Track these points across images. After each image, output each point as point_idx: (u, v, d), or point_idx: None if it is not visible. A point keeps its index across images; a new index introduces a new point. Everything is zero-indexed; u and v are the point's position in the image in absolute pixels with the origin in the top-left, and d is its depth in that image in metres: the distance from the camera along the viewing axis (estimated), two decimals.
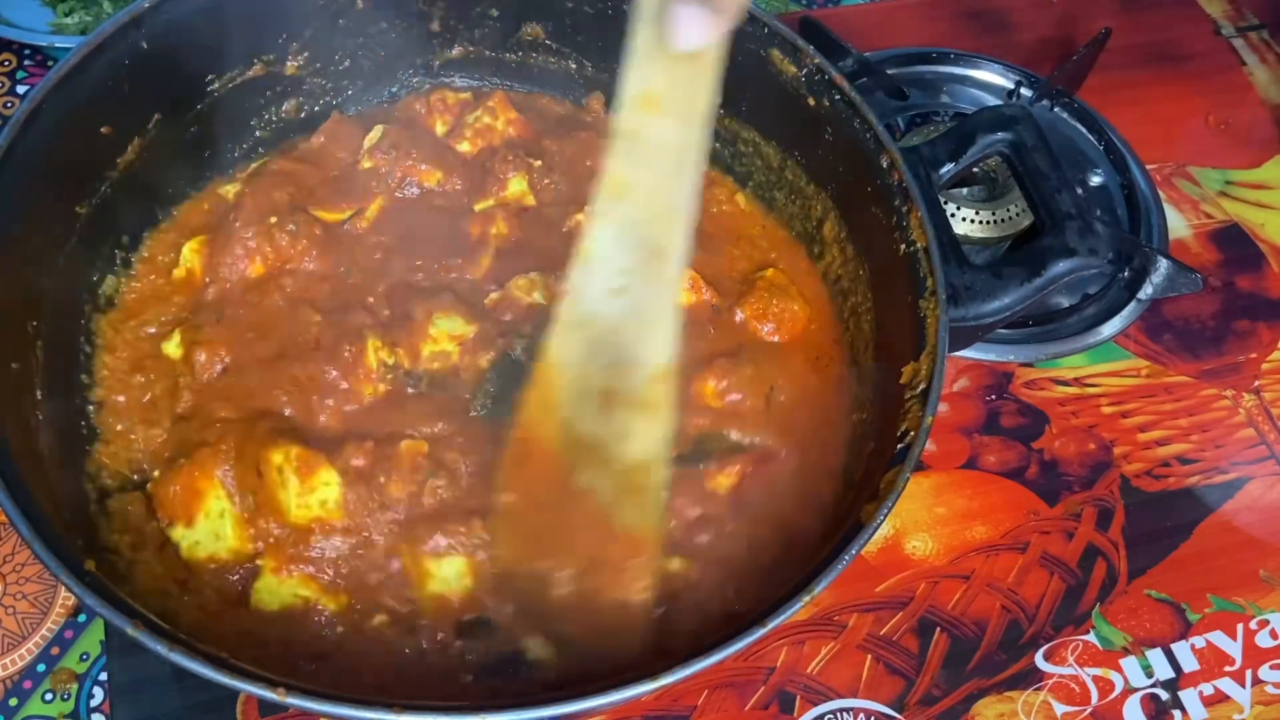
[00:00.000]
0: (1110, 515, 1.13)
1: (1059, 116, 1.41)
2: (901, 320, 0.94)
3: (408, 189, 1.08)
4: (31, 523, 0.74)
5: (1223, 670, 1.05)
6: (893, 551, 1.09)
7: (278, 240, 1.00)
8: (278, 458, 0.87)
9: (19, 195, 0.87)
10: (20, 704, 0.98)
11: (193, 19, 0.99)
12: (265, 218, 1.01)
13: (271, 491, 0.87)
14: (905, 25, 1.51)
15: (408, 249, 1.04)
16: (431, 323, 0.98)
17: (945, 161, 1.07)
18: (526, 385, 0.82)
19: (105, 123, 0.96)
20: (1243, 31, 1.58)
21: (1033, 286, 1.00)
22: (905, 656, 1.03)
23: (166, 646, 0.70)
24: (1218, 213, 1.38)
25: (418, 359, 0.97)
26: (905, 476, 0.82)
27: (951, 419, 1.18)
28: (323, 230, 1.03)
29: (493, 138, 1.11)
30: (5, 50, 1.41)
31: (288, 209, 1.03)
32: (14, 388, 0.85)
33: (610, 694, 0.73)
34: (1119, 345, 1.25)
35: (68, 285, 0.96)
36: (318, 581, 0.86)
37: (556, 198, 1.09)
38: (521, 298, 1.00)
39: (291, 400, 0.92)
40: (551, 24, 1.15)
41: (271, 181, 1.05)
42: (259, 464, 0.87)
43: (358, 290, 1.01)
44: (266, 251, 1.00)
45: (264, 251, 1.00)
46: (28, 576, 1.04)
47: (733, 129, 1.14)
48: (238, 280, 1.00)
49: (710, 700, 1.00)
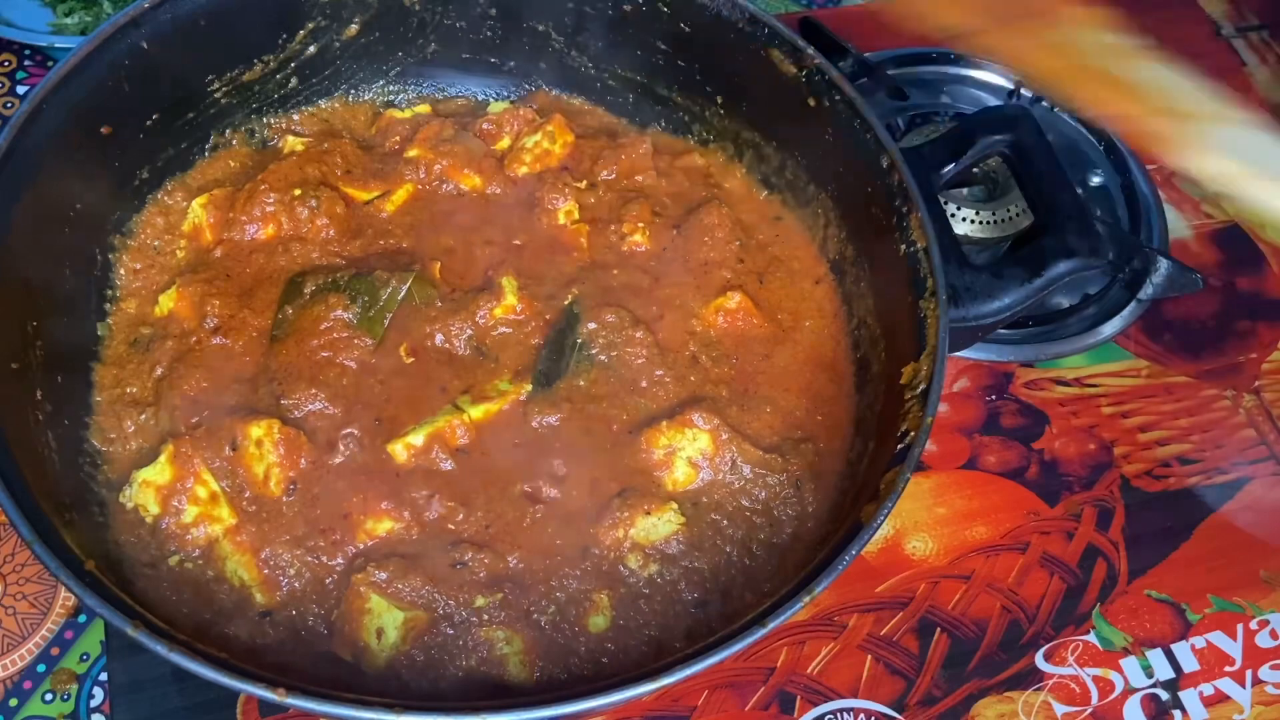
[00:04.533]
0: (1110, 515, 1.13)
1: (1059, 116, 1.41)
2: (902, 320, 0.94)
3: (443, 186, 1.10)
4: (31, 523, 0.74)
5: (1223, 670, 1.05)
6: (893, 552, 1.09)
7: (297, 212, 1.03)
8: (257, 432, 0.89)
9: (19, 195, 0.87)
10: (20, 704, 0.98)
11: (193, 19, 0.99)
12: (290, 188, 1.04)
13: (248, 464, 0.89)
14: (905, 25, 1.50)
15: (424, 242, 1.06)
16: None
17: (945, 162, 1.07)
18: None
19: (105, 123, 0.96)
20: (1243, 32, 1.58)
21: (1033, 287, 1.00)
22: (905, 657, 1.03)
23: (166, 647, 0.71)
24: (1218, 213, 1.38)
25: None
26: (905, 476, 0.82)
27: (952, 419, 1.18)
28: (344, 209, 1.06)
29: (549, 161, 1.12)
30: (5, 50, 1.41)
31: (315, 184, 1.05)
32: (14, 388, 0.85)
33: (610, 694, 0.73)
34: (1119, 345, 1.25)
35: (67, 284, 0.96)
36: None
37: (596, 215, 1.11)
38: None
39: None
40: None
41: (309, 155, 1.08)
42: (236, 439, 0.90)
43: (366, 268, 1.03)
44: (282, 220, 1.03)
45: (278, 220, 1.03)
46: (28, 576, 1.04)
47: (733, 128, 1.14)
48: (246, 242, 1.02)
49: (710, 700, 1.00)
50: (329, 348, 0.96)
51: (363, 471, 0.92)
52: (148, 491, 0.89)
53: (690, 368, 1.01)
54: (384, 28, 1.13)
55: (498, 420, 0.95)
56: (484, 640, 0.86)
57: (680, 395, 0.99)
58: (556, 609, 0.88)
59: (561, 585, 0.88)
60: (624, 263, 1.07)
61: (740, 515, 0.94)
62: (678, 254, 1.08)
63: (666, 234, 1.09)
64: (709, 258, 1.08)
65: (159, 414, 0.94)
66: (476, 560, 0.88)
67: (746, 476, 0.95)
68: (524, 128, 1.14)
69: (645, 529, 0.91)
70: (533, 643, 0.86)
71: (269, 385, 0.94)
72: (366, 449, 0.92)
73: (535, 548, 0.90)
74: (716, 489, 0.95)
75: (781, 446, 0.97)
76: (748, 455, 0.95)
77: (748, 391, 1.01)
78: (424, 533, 0.90)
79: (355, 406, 0.94)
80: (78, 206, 0.96)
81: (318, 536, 0.89)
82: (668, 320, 1.04)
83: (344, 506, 0.90)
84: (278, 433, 0.90)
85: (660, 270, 1.07)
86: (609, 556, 0.90)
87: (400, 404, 0.95)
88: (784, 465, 0.95)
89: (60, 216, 0.94)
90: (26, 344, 0.88)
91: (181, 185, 1.07)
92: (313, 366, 0.95)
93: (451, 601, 0.86)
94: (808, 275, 1.10)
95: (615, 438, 0.96)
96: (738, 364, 1.02)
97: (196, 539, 0.88)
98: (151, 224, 1.04)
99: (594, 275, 1.05)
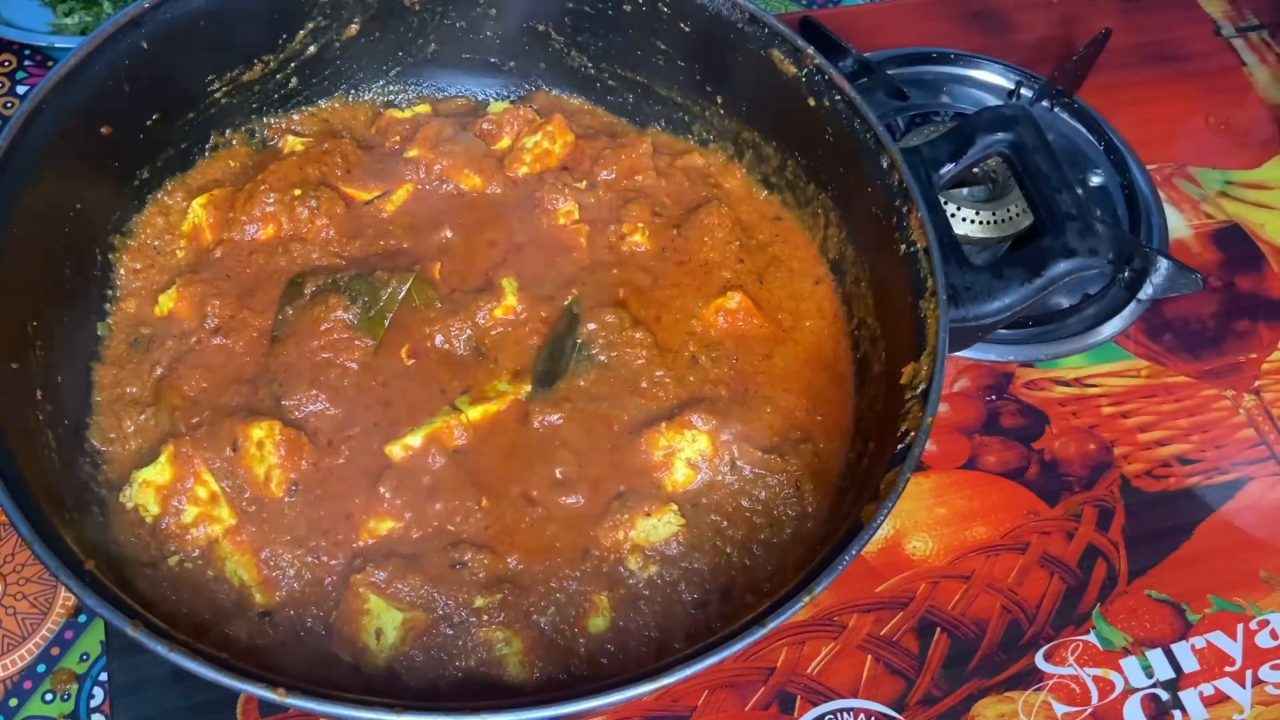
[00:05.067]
0: (1110, 515, 1.13)
1: (1059, 116, 1.41)
2: (902, 320, 0.94)
3: (443, 186, 1.10)
4: (31, 522, 0.74)
5: (1223, 670, 1.05)
6: (893, 552, 1.09)
7: (297, 212, 1.03)
8: (258, 433, 0.89)
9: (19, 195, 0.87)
10: (20, 704, 0.98)
11: (193, 19, 0.99)
12: (290, 188, 1.04)
13: (249, 465, 0.89)
14: (905, 25, 1.51)
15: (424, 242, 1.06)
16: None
17: (945, 162, 1.07)
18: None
19: (105, 123, 0.96)
20: (1243, 31, 1.58)
21: (1033, 287, 1.00)
22: (905, 657, 1.03)
23: (166, 647, 0.71)
24: (1218, 213, 1.38)
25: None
26: (905, 476, 0.82)
27: (952, 419, 1.18)
28: (344, 209, 1.06)
29: (549, 161, 1.12)
30: (5, 50, 1.41)
31: (315, 184, 1.06)
32: (14, 387, 0.85)
33: (610, 694, 0.73)
34: (1119, 345, 1.25)
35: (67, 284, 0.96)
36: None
37: (596, 215, 1.11)
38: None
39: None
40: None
41: (309, 156, 1.08)
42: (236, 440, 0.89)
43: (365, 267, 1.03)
44: (282, 221, 1.03)
45: (278, 220, 1.03)
46: (28, 576, 1.04)
47: (733, 128, 1.14)
48: (246, 242, 1.03)
49: (710, 700, 1.00)
50: (329, 349, 0.96)
51: (363, 472, 0.92)
52: (148, 491, 0.89)
53: (690, 368, 1.01)
54: (384, 27, 1.13)
55: (497, 421, 0.95)
56: (483, 641, 0.85)
57: (680, 396, 0.99)
58: (556, 610, 0.87)
59: (561, 586, 0.88)
60: (624, 263, 1.07)
61: (740, 516, 0.94)
62: (677, 254, 1.08)
63: (666, 234, 1.09)
64: (709, 258, 1.08)
65: (159, 414, 0.94)
66: (476, 561, 0.88)
67: (746, 477, 0.95)
68: (524, 128, 1.14)
69: (645, 530, 0.91)
70: (532, 644, 0.86)
71: (269, 386, 0.94)
72: (367, 450, 0.92)
73: (534, 549, 0.90)
74: (716, 490, 0.95)
75: (781, 447, 0.97)
76: (747, 456, 0.95)
77: (747, 392, 1.01)
78: (423, 533, 0.90)
79: (355, 407, 0.94)
80: (78, 206, 0.96)
81: (318, 537, 0.89)
82: (667, 321, 1.04)
83: (345, 507, 0.90)
84: (279, 434, 0.90)
85: (660, 270, 1.07)
86: (609, 558, 0.90)
87: (400, 405, 0.95)
88: (783, 465, 0.95)
89: (60, 216, 0.94)
90: (26, 344, 0.88)
91: (181, 185, 1.07)
92: (313, 367, 0.95)
93: (451, 602, 0.86)
94: (807, 275, 1.10)
95: (615, 439, 0.96)
96: (737, 364, 1.02)
97: (196, 539, 0.88)
98: (151, 224, 1.05)
99: (594, 275, 1.05)
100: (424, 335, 0.99)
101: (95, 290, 1.00)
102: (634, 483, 0.94)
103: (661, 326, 1.03)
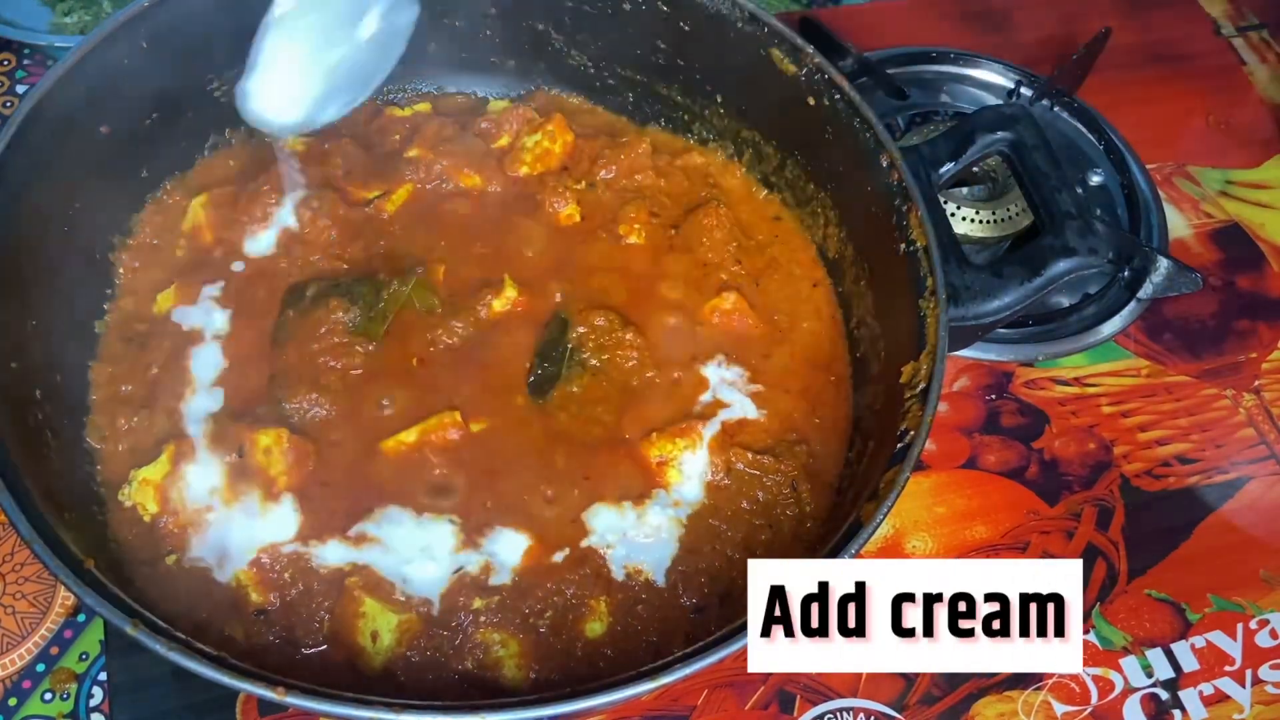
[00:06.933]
0: (1110, 515, 1.13)
1: (1059, 116, 1.41)
2: (901, 319, 0.94)
3: (443, 185, 1.10)
4: (31, 521, 0.74)
5: (1223, 670, 1.05)
6: (893, 551, 1.09)
7: (298, 213, 1.03)
8: (265, 440, 0.89)
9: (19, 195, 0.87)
10: (20, 704, 0.98)
11: (192, 18, 0.99)
12: (293, 189, 1.04)
13: (254, 469, 0.89)
14: (905, 25, 1.51)
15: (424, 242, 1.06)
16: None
17: (945, 161, 1.07)
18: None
19: (104, 122, 0.96)
20: (1243, 31, 1.58)
21: (1033, 286, 1.00)
22: None
23: (166, 645, 0.71)
24: (1218, 212, 1.38)
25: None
26: (905, 476, 0.82)
27: (951, 418, 1.18)
28: (346, 209, 1.06)
29: (549, 161, 1.12)
30: (5, 50, 1.41)
31: (315, 183, 1.06)
32: (14, 387, 0.85)
33: (610, 694, 0.73)
34: (1119, 345, 1.25)
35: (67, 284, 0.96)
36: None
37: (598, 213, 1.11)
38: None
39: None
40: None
41: (310, 155, 1.08)
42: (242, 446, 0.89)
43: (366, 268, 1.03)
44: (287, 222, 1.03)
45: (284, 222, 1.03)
46: (28, 576, 1.04)
47: (733, 127, 1.14)
48: (246, 242, 1.03)
49: (710, 700, 1.00)
50: (329, 351, 0.96)
51: (362, 473, 0.91)
52: (147, 490, 0.89)
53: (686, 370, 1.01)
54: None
55: (494, 424, 0.95)
56: (480, 642, 0.85)
57: (676, 398, 0.99)
58: (554, 614, 0.87)
59: (559, 590, 0.88)
60: (623, 264, 1.07)
61: (739, 518, 0.94)
62: (675, 255, 1.08)
63: (664, 235, 1.09)
64: (706, 259, 1.08)
65: (153, 414, 0.93)
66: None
67: (744, 479, 0.95)
68: (524, 126, 1.14)
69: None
70: (529, 647, 0.86)
71: (270, 387, 0.94)
72: (366, 450, 0.92)
73: (532, 552, 0.90)
74: (714, 492, 0.95)
75: (778, 448, 0.97)
76: (744, 458, 0.95)
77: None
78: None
79: (356, 409, 0.94)
80: (77, 205, 0.96)
81: (314, 538, 0.89)
82: (665, 321, 1.04)
83: (341, 507, 0.90)
84: (286, 441, 0.90)
85: (658, 271, 1.07)
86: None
87: (400, 406, 0.95)
88: (782, 467, 0.95)
89: (60, 216, 0.94)
90: (26, 343, 0.88)
91: (181, 185, 1.07)
92: (314, 370, 0.95)
93: (448, 604, 0.86)
94: (806, 276, 1.10)
95: (610, 443, 0.96)
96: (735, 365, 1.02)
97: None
98: (151, 223, 1.04)
99: (592, 276, 1.05)
100: (424, 337, 0.99)
101: (95, 290, 1.00)
102: (631, 486, 0.94)
103: (658, 327, 1.03)
